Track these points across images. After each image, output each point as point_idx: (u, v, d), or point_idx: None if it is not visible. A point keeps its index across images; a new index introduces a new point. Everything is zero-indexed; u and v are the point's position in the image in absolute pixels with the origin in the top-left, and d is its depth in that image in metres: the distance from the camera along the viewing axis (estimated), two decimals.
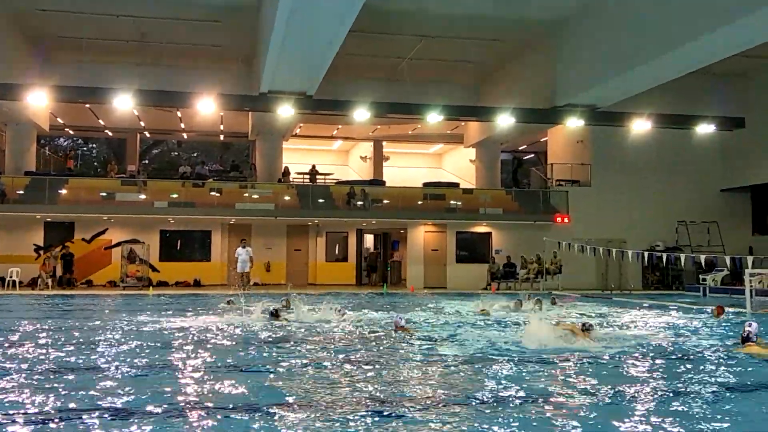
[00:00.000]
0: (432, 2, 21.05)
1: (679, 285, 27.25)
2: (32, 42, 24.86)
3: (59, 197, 25.53)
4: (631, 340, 10.76)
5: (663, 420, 5.51)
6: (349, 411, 5.70)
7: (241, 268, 24.47)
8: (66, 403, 5.96)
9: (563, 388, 6.87)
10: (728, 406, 6.16)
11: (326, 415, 5.57)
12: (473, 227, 28.38)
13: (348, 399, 6.25)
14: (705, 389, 6.86)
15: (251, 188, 27.65)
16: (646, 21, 18.24)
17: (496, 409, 5.94)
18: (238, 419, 5.51)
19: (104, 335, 10.84)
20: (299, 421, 5.33)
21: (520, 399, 6.36)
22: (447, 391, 6.71)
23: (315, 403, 6.04)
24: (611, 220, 27.70)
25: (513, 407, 6.08)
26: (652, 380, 7.43)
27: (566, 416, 5.62)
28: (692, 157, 28.59)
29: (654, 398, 6.47)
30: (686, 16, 16.66)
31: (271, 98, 22.02)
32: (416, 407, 5.91)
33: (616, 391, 6.67)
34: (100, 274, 26.43)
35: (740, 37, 16.34)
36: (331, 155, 39.03)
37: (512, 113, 23.47)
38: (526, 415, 5.76)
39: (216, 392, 6.51)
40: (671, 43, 17.30)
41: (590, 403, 6.17)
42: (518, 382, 7.10)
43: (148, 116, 30.60)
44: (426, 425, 5.37)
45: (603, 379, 7.28)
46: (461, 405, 6.13)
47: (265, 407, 5.86)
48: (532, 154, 38.02)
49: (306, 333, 11.34)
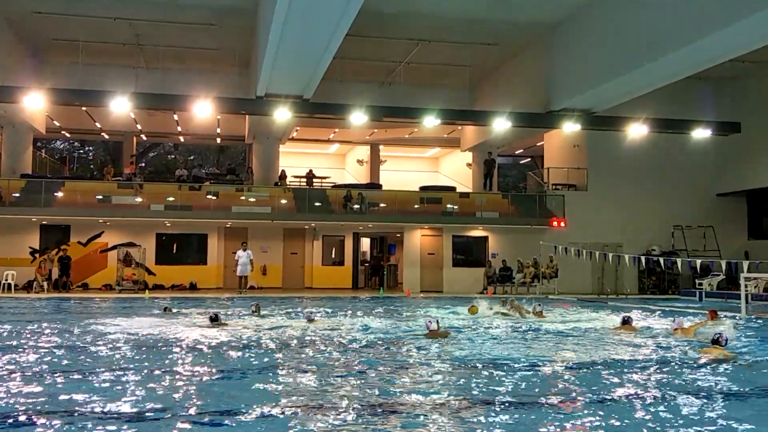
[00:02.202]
0: (428, 6, 21.08)
1: (675, 289, 27.29)
2: (28, 44, 24.86)
3: (55, 200, 25.49)
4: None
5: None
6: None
7: (242, 271, 24.53)
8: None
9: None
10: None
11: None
12: (470, 231, 28.40)
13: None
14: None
15: (248, 191, 27.64)
16: (641, 25, 18.28)
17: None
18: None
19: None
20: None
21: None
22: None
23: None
24: (607, 225, 27.75)
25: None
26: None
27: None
28: (688, 162, 28.67)
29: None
30: (681, 21, 16.70)
31: (268, 101, 22.02)
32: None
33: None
34: (96, 277, 26.37)
35: (735, 41, 16.36)
36: (328, 159, 39.06)
37: (508, 117, 23.51)
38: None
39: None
40: (666, 48, 17.33)
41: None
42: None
43: (145, 119, 30.59)
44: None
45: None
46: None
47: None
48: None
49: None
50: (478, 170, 31.58)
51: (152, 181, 30.79)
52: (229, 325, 12.80)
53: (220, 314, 13.27)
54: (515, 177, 44.22)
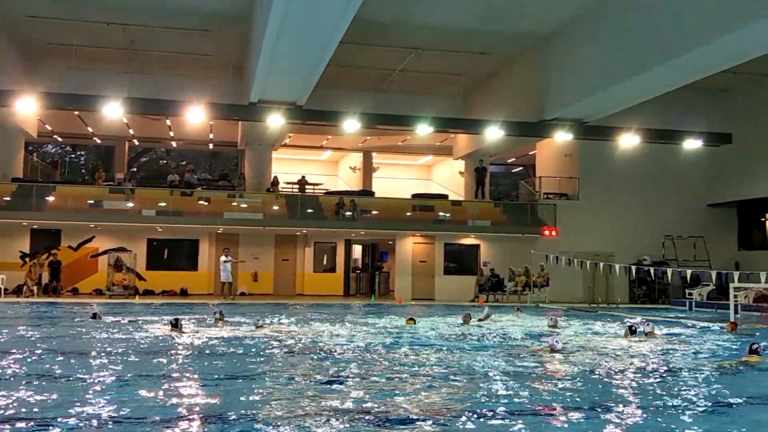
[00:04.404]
0: (422, 15, 21.15)
1: (665, 299, 27.37)
2: (21, 48, 24.78)
3: (46, 204, 25.39)
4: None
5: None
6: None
7: (226, 277, 24.51)
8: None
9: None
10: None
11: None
12: (461, 239, 28.43)
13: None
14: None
15: (240, 197, 27.58)
16: (634, 35, 18.38)
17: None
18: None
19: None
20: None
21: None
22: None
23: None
24: (599, 234, 27.81)
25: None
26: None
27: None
28: (679, 172, 28.79)
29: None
30: (674, 31, 16.80)
31: (261, 108, 22.01)
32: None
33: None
34: (87, 282, 26.26)
35: (728, 52, 16.45)
36: (321, 165, 39.02)
37: (501, 126, 23.58)
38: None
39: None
40: (659, 58, 17.43)
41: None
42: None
43: (137, 124, 30.51)
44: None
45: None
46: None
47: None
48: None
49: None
50: (471, 178, 31.64)
51: (144, 186, 30.71)
52: (185, 333, 12.61)
53: (180, 320, 13.10)
54: (507, 186, 44.30)
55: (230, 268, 24.58)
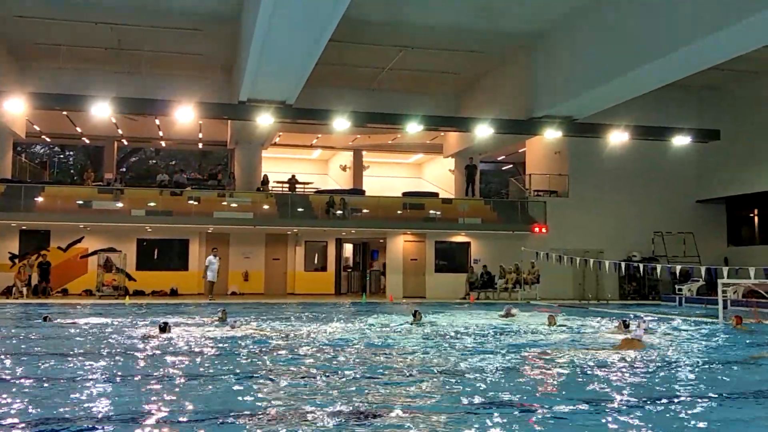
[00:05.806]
0: (412, 13, 21.15)
1: (655, 295, 27.52)
2: (9, 48, 24.61)
3: (35, 205, 25.25)
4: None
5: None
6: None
7: (212, 276, 24.45)
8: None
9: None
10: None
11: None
12: (452, 237, 28.47)
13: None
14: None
15: (230, 197, 27.51)
16: (624, 34, 18.46)
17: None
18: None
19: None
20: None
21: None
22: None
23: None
24: (588, 231, 27.92)
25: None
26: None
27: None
28: (668, 169, 28.94)
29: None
30: (662, 29, 16.90)
31: (251, 107, 21.96)
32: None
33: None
34: (76, 282, 26.14)
35: (715, 50, 16.59)
36: (311, 164, 38.99)
37: (491, 124, 23.64)
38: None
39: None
40: (648, 56, 17.53)
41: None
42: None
43: (126, 124, 30.38)
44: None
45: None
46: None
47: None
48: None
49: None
50: (461, 176, 31.69)
51: (133, 186, 30.55)
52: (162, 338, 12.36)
53: (169, 324, 12.85)
54: (497, 183, 44.43)
55: (216, 268, 24.53)
